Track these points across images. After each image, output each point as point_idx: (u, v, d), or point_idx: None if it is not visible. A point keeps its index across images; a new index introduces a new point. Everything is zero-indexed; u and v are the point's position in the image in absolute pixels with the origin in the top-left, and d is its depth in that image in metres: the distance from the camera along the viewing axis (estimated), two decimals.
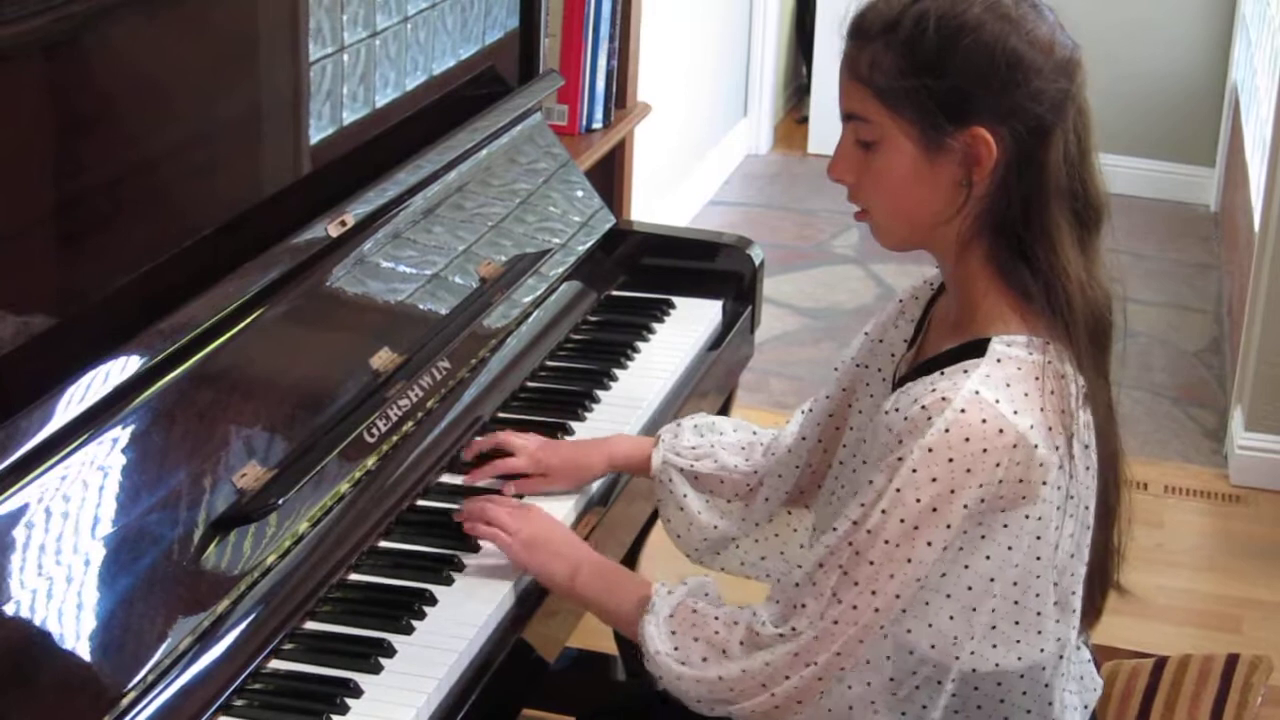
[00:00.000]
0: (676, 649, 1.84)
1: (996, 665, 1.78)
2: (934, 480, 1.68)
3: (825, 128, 6.17)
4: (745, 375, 3.01)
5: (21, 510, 1.67)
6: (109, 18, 1.87)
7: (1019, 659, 1.79)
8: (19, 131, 1.78)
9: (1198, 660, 2.14)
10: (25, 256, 1.82)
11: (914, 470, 1.69)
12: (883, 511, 1.71)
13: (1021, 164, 1.74)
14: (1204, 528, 3.95)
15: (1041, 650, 1.79)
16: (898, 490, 1.70)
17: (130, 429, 1.82)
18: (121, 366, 1.82)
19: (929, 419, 1.69)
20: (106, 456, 1.78)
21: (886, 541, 1.71)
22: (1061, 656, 1.83)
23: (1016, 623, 1.76)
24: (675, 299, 2.80)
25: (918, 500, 1.69)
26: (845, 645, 1.74)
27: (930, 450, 1.68)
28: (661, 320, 2.74)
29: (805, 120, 6.50)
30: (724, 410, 2.88)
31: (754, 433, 2.20)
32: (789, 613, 1.78)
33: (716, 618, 1.85)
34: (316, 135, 2.33)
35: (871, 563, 1.72)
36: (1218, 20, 5.88)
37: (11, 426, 1.68)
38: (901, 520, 1.70)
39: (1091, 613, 1.92)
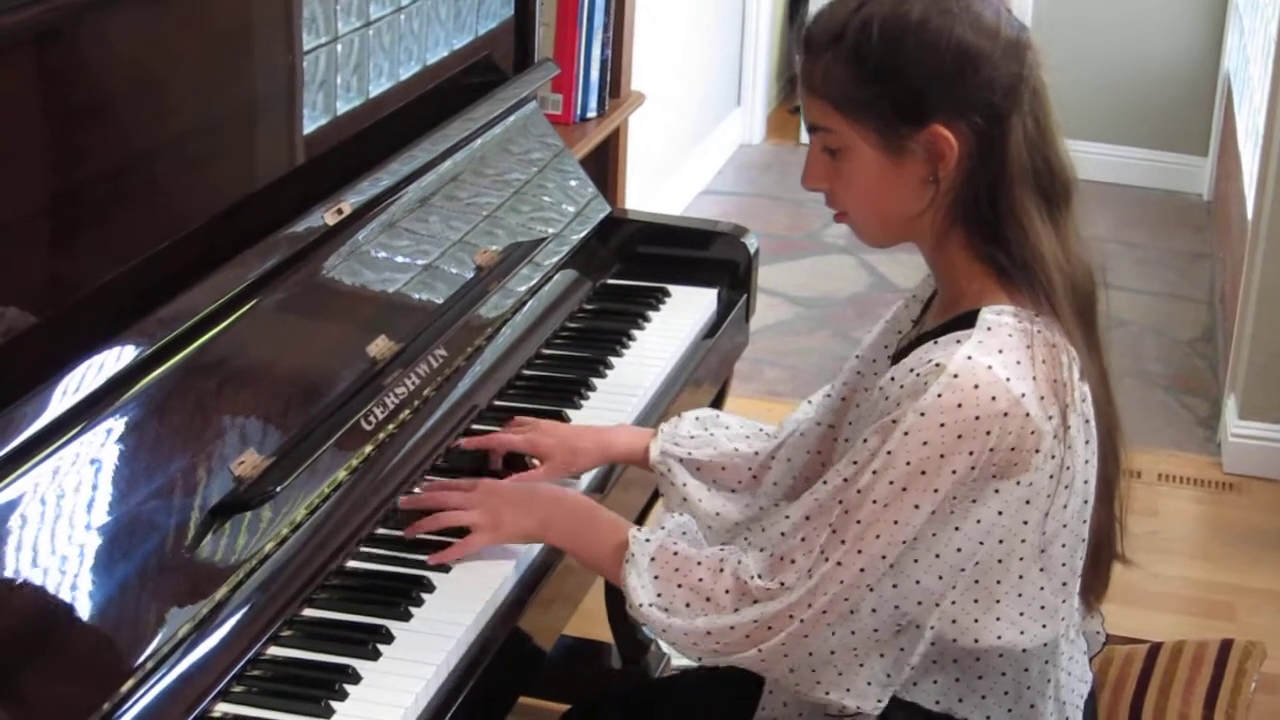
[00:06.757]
0: (660, 595, 1.85)
1: (977, 621, 1.80)
2: (925, 444, 1.71)
3: None
4: (738, 364, 3.01)
5: (20, 499, 1.67)
6: (104, 8, 1.87)
7: (1001, 633, 1.80)
8: (14, 122, 1.78)
9: (1191, 646, 2.15)
10: (21, 246, 1.82)
11: (906, 433, 1.71)
12: (874, 472, 1.73)
13: (983, 153, 1.78)
14: (1198, 516, 3.96)
15: (1027, 625, 1.81)
16: (889, 453, 1.72)
17: (127, 418, 1.82)
18: (118, 355, 1.82)
19: (925, 384, 1.72)
20: (104, 445, 1.78)
21: (875, 502, 1.73)
22: (1047, 644, 1.85)
23: (999, 582, 1.79)
24: (670, 287, 2.80)
25: (908, 464, 1.71)
26: (831, 602, 1.76)
27: (923, 414, 1.71)
28: (657, 308, 2.74)
29: (798, 110, 6.48)
30: (719, 399, 2.89)
31: (760, 428, 2.17)
32: (777, 566, 1.80)
33: (699, 562, 1.86)
34: (310, 125, 2.33)
35: (859, 521, 1.74)
36: (1210, 9, 5.89)
37: (9, 415, 1.68)
38: (891, 482, 1.72)
39: (1098, 586, 1.94)
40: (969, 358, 1.72)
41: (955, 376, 1.71)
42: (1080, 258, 1.84)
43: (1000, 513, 1.75)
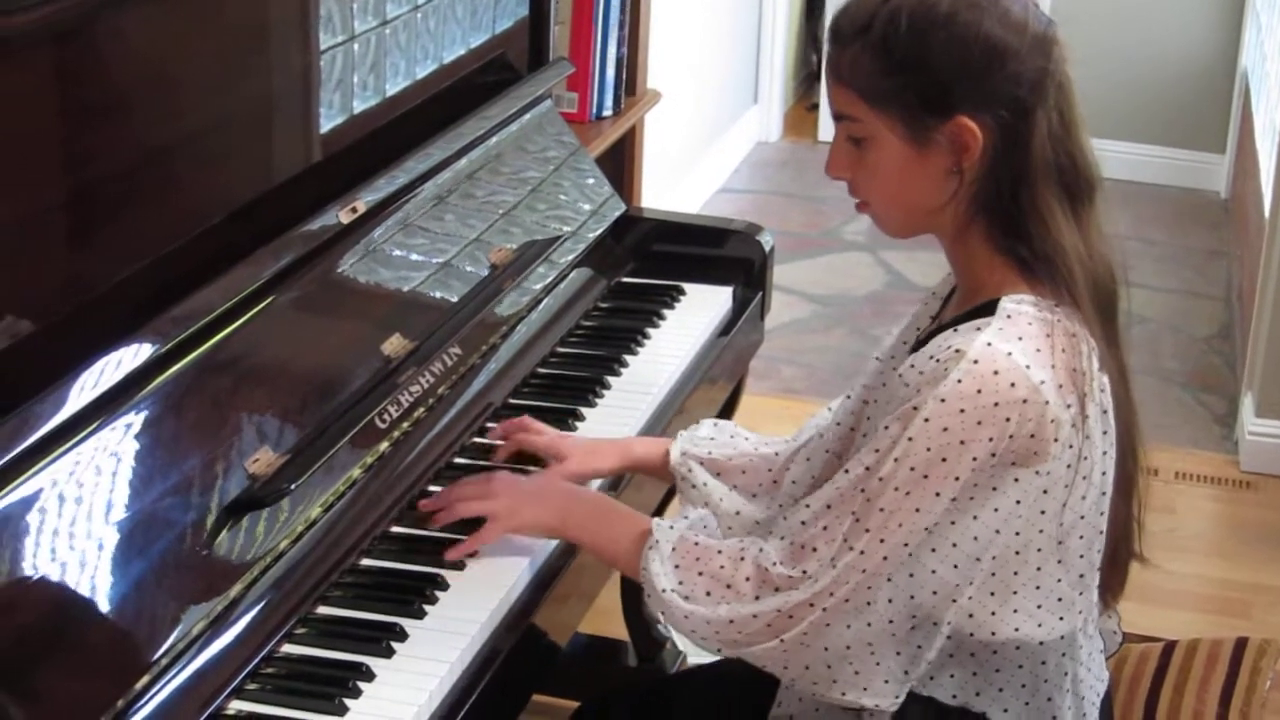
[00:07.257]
0: (681, 583, 1.85)
1: (994, 614, 1.80)
2: (945, 430, 1.71)
3: None
4: (755, 362, 3.01)
5: (37, 495, 1.67)
6: (120, 6, 1.88)
7: (1018, 626, 1.81)
8: (32, 119, 1.78)
9: (1206, 644, 2.15)
10: (37, 243, 1.83)
11: (926, 420, 1.72)
12: (895, 459, 1.74)
13: (1008, 146, 1.78)
14: (1214, 513, 3.96)
15: (1045, 617, 1.81)
16: (910, 439, 1.73)
17: (143, 415, 1.83)
18: (134, 353, 1.83)
19: (945, 370, 1.73)
20: (120, 442, 1.79)
21: (897, 489, 1.74)
22: (1064, 637, 1.85)
23: (1016, 573, 1.79)
24: (685, 285, 2.81)
25: (928, 450, 1.72)
26: (854, 591, 1.77)
27: (943, 400, 1.71)
28: (672, 307, 2.74)
29: (815, 107, 6.50)
30: (734, 397, 2.89)
31: (777, 439, 2.16)
32: (799, 554, 1.80)
33: (720, 551, 1.86)
34: (327, 124, 2.34)
35: (882, 509, 1.75)
36: (1228, 5, 5.88)
37: (26, 412, 1.69)
38: (912, 469, 1.73)
39: (1115, 584, 1.94)
40: (989, 344, 1.73)
41: (975, 363, 1.72)
42: (1102, 255, 1.85)
43: (1019, 502, 1.75)
